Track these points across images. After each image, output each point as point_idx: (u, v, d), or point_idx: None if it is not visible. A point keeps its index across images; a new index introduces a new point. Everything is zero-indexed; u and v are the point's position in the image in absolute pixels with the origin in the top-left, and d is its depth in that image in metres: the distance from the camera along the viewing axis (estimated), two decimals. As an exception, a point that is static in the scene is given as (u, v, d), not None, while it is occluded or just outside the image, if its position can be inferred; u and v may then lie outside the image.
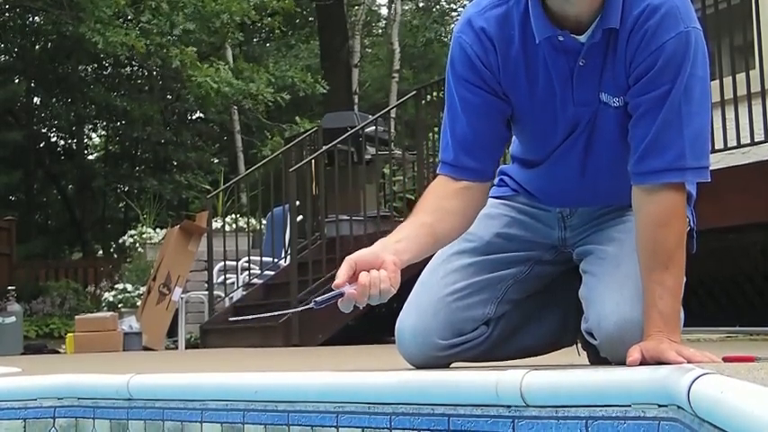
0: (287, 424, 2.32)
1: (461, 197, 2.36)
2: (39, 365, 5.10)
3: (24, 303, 12.32)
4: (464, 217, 2.37)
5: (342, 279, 2.10)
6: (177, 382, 2.69)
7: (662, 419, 1.70)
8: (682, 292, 2.17)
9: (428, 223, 2.30)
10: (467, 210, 2.37)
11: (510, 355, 2.56)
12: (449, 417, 2.02)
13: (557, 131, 2.35)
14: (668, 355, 1.98)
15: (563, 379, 1.87)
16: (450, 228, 2.35)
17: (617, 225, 2.40)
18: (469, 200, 2.37)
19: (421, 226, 2.29)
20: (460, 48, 2.33)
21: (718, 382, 1.44)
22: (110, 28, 12.99)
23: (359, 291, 2.09)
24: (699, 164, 2.19)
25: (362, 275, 2.10)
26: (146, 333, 9.78)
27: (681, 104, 2.15)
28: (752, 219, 5.59)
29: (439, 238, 2.33)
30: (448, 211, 2.34)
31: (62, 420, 2.88)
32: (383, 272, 2.11)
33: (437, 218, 2.31)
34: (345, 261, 2.13)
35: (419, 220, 2.30)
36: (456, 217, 2.35)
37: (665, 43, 2.14)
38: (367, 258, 2.13)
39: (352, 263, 2.12)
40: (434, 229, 2.30)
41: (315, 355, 5.54)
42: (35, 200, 23.83)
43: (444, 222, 2.32)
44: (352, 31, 21.09)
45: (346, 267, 2.11)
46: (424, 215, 2.32)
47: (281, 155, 10.61)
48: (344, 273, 2.10)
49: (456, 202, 2.35)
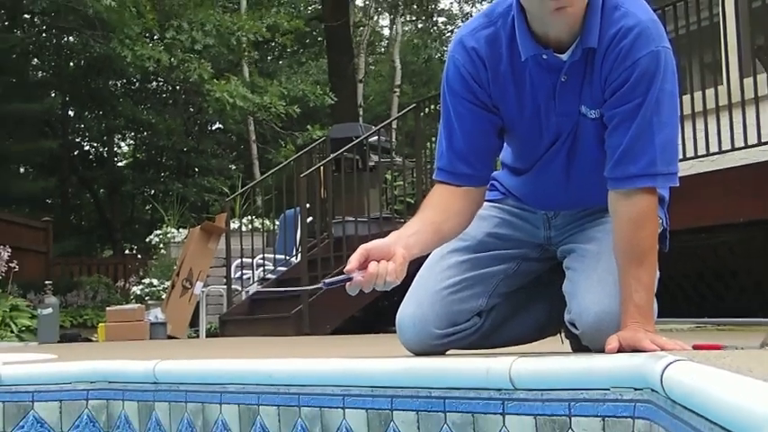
0: (298, 405, 2.32)
1: (463, 199, 2.37)
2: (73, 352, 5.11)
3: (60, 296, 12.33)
4: (465, 216, 2.39)
5: (353, 265, 2.10)
6: (199, 367, 2.69)
7: (637, 402, 1.70)
8: (655, 286, 2.18)
9: (436, 222, 2.31)
10: (468, 210, 2.39)
11: (500, 344, 2.56)
12: (444, 399, 2.02)
13: (542, 140, 2.36)
14: (643, 343, 1.98)
15: (548, 365, 1.87)
16: (454, 226, 2.36)
17: (597, 225, 2.40)
18: (470, 201, 2.38)
19: (430, 224, 2.30)
20: (454, 66, 2.34)
21: (688, 367, 1.44)
22: (138, 43, 13.01)
23: (366, 278, 2.10)
24: (669, 170, 2.20)
25: (372, 265, 2.10)
26: (170, 323, 9.78)
27: (652, 116, 2.15)
28: (720, 220, 5.59)
29: (444, 235, 2.35)
30: (452, 211, 2.35)
31: (94, 402, 2.88)
32: (391, 264, 2.11)
33: (443, 218, 2.33)
34: (360, 248, 2.13)
35: (428, 219, 2.32)
36: (459, 217, 2.36)
37: (637, 60, 2.14)
38: (380, 248, 2.14)
39: (366, 251, 2.12)
40: (440, 227, 2.32)
41: (323, 343, 5.54)
42: (69, 203, 23.83)
43: (449, 221, 2.34)
44: (357, 49, 21.08)
45: (359, 255, 2.11)
46: (432, 214, 2.33)
47: (292, 162, 10.59)
48: (356, 259, 2.11)
49: (459, 204, 2.36)
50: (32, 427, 2.85)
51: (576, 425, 1.79)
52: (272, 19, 14.93)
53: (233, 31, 14.06)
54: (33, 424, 2.85)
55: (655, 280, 2.18)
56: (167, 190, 20.95)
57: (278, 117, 14.80)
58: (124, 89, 23.05)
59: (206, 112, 17.85)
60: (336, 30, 17.95)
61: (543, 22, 2.18)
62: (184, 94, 20.03)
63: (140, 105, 22.50)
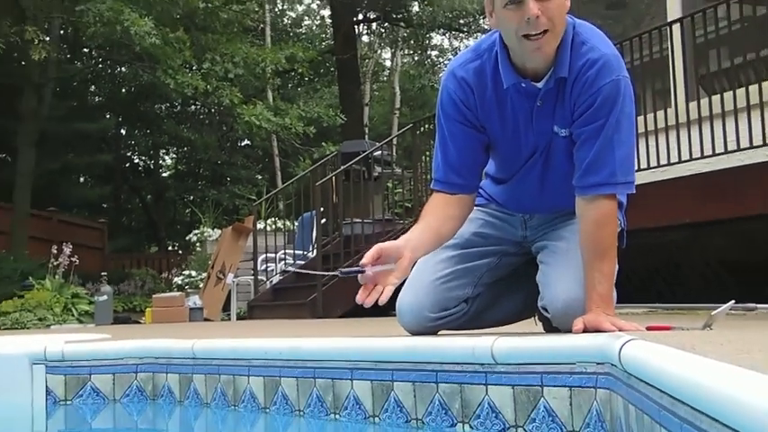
0: (313, 377, 2.32)
1: (457, 206, 2.37)
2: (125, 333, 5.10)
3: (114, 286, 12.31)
4: (460, 220, 2.39)
5: (367, 260, 2.10)
6: (230, 345, 2.69)
7: (599, 374, 1.70)
8: (614, 277, 2.18)
9: (435, 226, 2.32)
10: (461, 215, 2.39)
11: (484, 326, 2.56)
12: (437, 372, 2.02)
13: (520, 155, 2.36)
14: (604, 325, 1.98)
15: (524, 343, 1.87)
16: (451, 228, 2.37)
17: (566, 226, 2.40)
18: (462, 207, 2.39)
19: (431, 228, 2.31)
20: (447, 93, 2.35)
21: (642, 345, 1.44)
22: (179, 73, 13.03)
23: (375, 276, 2.09)
24: (627, 179, 2.21)
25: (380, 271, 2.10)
26: (206, 308, 9.78)
27: (613, 134, 2.16)
28: (669, 221, 5.59)
29: (443, 237, 2.35)
30: (449, 216, 2.35)
31: (142, 375, 2.89)
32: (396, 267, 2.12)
33: (441, 222, 2.33)
34: (375, 246, 2.14)
35: (430, 224, 2.32)
36: (454, 221, 2.37)
37: (600, 88, 2.15)
38: (392, 249, 2.15)
39: (380, 250, 2.13)
40: (440, 230, 2.33)
41: (334, 325, 5.53)
42: (122, 207, 23.83)
43: (446, 225, 2.35)
44: (363, 78, 21.08)
45: (374, 252, 2.12)
46: (432, 220, 2.33)
47: (309, 173, 10.58)
48: (371, 255, 2.11)
49: (453, 210, 2.36)
50: (90, 396, 2.85)
51: (548, 394, 1.79)
52: (290, 50, 14.93)
53: (258, 62, 14.06)
54: (90, 393, 2.86)
55: (614, 272, 2.18)
56: (204, 196, 20.92)
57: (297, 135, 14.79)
58: (168, 111, 23.04)
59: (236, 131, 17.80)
60: (346, 61, 17.95)
61: (523, 58, 2.19)
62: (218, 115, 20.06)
63: (181, 125, 22.49)
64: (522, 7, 2.09)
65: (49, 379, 2.85)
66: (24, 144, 14.37)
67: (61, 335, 3.92)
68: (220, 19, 14.58)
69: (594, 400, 1.71)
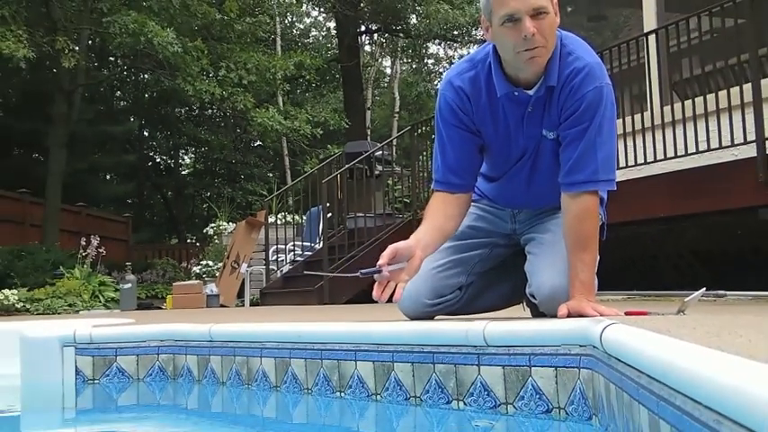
0: (320, 359, 2.33)
1: (456, 204, 2.36)
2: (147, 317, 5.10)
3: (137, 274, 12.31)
4: (460, 217, 2.39)
5: (384, 261, 2.09)
6: (244, 329, 2.69)
7: (582, 355, 1.70)
8: (596, 266, 2.18)
9: (440, 225, 2.31)
10: (461, 212, 2.38)
11: (476, 311, 2.55)
12: (433, 354, 2.02)
13: (511, 156, 2.36)
14: (587, 310, 1.98)
15: (513, 327, 1.87)
16: (453, 225, 2.36)
17: (551, 220, 2.40)
18: (461, 205, 2.38)
19: (436, 227, 2.29)
20: (445, 100, 2.34)
21: (621, 329, 1.44)
22: (197, 80, 13.03)
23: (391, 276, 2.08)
24: (608, 177, 2.20)
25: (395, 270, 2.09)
26: (222, 295, 9.77)
27: (596, 137, 2.16)
28: (645, 216, 5.59)
29: (447, 234, 2.34)
30: (450, 215, 2.34)
31: (163, 356, 2.89)
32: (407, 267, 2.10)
33: (444, 221, 2.32)
34: (389, 247, 2.11)
35: (434, 224, 2.30)
36: (455, 218, 2.36)
37: (585, 94, 2.15)
38: (404, 249, 2.13)
39: (395, 250, 2.11)
40: (444, 228, 2.32)
41: (340, 310, 5.54)
42: (144, 202, 23.84)
43: (449, 223, 2.33)
44: (366, 84, 21.03)
45: (389, 252, 2.10)
46: (436, 219, 2.32)
47: (316, 171, 10.58)
48: (387, 256, 2.09)
49: (454, 208, 2.35)
50: (115, 375, 2.86)
51: (535, 373, 1.80)
52: (299, 58, 14.93)
53: (269, 69, 14.06)
54: (116, 373, 2.86)
55: (595, 261, 2.18)
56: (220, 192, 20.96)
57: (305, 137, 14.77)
58: (187, 115, 23.03)
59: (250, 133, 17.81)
60: (350, 69, 17.93)
61: (517, 69, 2.18)
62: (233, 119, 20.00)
63: (199, 127, 22.48)
64: (518, 25, 2.08)
65: (78, 360, 2.85)
66: (55, 145, 14.38)
67: (89, 320, 3.92)
68: (235, 30, 14.59)
69: (578, 379, 1.71)
